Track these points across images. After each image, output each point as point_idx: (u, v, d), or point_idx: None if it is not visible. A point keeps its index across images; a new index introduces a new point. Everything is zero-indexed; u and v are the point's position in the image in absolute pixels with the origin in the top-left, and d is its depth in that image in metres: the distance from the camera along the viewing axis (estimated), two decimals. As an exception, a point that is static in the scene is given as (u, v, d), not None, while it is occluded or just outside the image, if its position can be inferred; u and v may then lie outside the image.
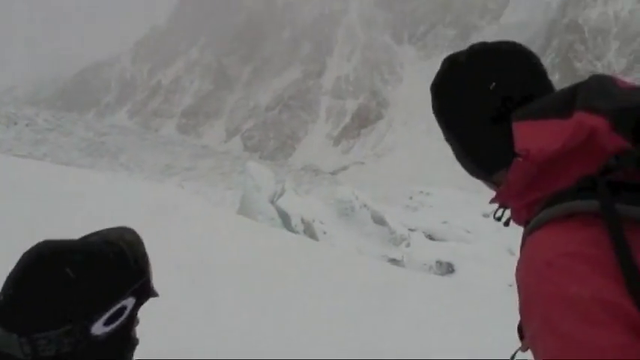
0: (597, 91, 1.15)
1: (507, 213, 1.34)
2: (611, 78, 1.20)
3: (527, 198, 1.20)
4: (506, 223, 1.37)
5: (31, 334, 1.23)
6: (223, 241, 9.73)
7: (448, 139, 1.42)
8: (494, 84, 1.30)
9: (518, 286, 1.09)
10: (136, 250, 1.47)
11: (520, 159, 1.14)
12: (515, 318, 1.14)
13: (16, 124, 40.12)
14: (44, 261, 1.30)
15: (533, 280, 1.03)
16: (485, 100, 1.31)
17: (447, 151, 1.48)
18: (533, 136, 1.14)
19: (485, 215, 25.26)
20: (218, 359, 4.81)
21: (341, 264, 10.71)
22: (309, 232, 19.04)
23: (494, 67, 1.33)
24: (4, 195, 8.36)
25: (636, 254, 0.91)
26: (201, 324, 5.83)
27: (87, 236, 1.47)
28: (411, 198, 35.91)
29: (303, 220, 19.44)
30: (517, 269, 1.11)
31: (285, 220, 19.43)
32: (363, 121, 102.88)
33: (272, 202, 20.29)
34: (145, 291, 1.45)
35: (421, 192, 36.81)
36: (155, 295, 1.47)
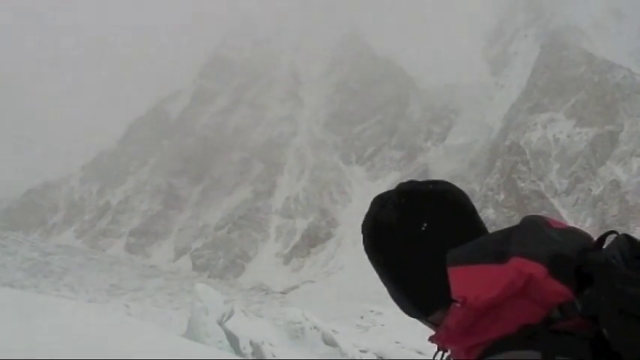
0: (532, 236, 1.15)
1: (446, 354, 1.31)
2: (544, 219, 1.21)
3: (465, 343, 1.18)
4: None
5: None
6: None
7: (382, 278, 1.41)
8: (425, 225, 1.30)
9: None
10: None
11: (458, 305, 1.14)
12: None
13: (-43, 244, 39.02)
14: None
15: None
16: (418, 241, 1.30)
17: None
18: (470, 283, 1.14)
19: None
20: None
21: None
22: (258, 354, 18.63)
23: (424, 207, 1.32)
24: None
25: None
26: None
27: None
28: (362, 317, 35.70)
29: (252, 343, 19.06)
30: None
31: (233, 342, 19.02)
32: (313, 240, 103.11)
33: (220, 323, 19.90)
34: None
35: (372, 311, 36.65)
36: None
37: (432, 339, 1.30)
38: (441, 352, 1.32)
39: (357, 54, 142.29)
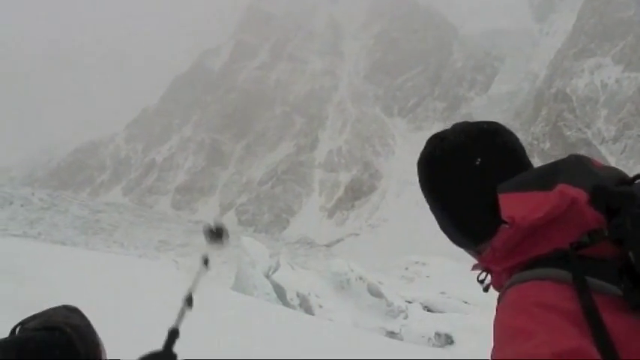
0: (578, 168, 1.27)
1: (489, 278, 1.41)
2: (587, 158, 1.33)
3: (508, 262, 1.27)
4: (486, 289, 1.43)
5: None
6: (218, 318, 9.64)
7: (434, 210, 1.51)
8: (479, 160, 1.40)
9: (494, 328, 1.18)
10: (84, 336, 1.27)
11: (506, 226, 1.23)
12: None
13: (11, 203, 40.10)
14: None
15: (507, 320, 1.14)
16: (471, 175, 1.41)
17: (442, 221, 1.63)
18: (518, 206, 1.22)
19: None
20: None
21: (338, 339, 10.60)
22: (305, 306, 18.86)
23: (478, 144, 1.43)
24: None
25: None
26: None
27: (27, 320, 1.28)
28: (407, 269, 35.69)
29: (298, 294, 19.30)
30: (495, 318, 1.19)
31: (280, 294, 19.29)
32: (357, 193, 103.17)
33: (267, 276, 20.19)
34: None
35: (417, 262, 36.60)
36: None
37: (476, 265, 1.43)
38: (484, 274, 1.42)
39: (397, 2, 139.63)
